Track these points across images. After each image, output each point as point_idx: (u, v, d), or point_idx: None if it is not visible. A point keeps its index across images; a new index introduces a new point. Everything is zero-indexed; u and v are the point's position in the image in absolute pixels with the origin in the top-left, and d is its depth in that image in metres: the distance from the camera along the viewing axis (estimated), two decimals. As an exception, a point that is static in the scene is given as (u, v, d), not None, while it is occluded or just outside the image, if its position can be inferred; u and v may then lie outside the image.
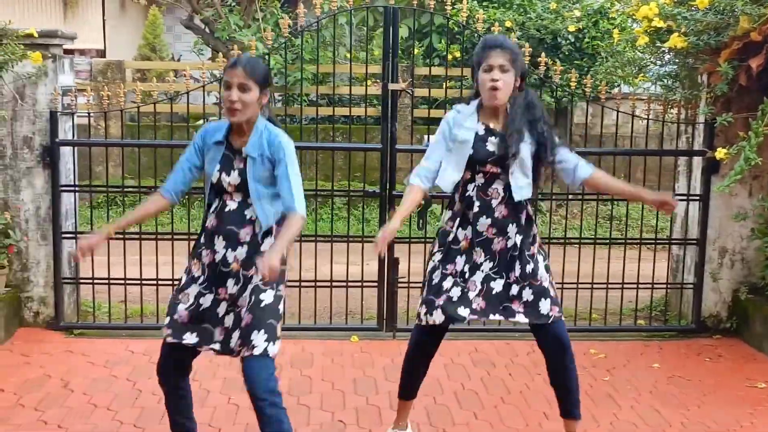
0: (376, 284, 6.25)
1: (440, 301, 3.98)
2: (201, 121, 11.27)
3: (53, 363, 5.50)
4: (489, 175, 3.99)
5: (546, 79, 6.92)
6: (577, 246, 6.51)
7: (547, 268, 4.13)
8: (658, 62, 6.42)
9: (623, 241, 6.57)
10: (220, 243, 3.70)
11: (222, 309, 3.72)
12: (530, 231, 4.08)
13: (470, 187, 4.03)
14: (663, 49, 6.05)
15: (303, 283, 6.21)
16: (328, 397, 5.01)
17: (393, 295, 6.21)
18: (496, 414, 4.83)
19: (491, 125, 4.01)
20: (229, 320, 3.71)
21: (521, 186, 3.97)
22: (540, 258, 4.10)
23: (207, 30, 12.25)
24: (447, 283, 4.00)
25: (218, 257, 3.70)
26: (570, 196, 6.80)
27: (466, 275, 4.01)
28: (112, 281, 6.21)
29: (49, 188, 6.04)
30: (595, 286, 6.35)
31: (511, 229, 4.01)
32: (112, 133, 10.90)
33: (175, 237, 6.21)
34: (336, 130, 10.97)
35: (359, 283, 6.29)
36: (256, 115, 3.70)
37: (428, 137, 7.41)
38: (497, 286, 4.03)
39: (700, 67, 5.87)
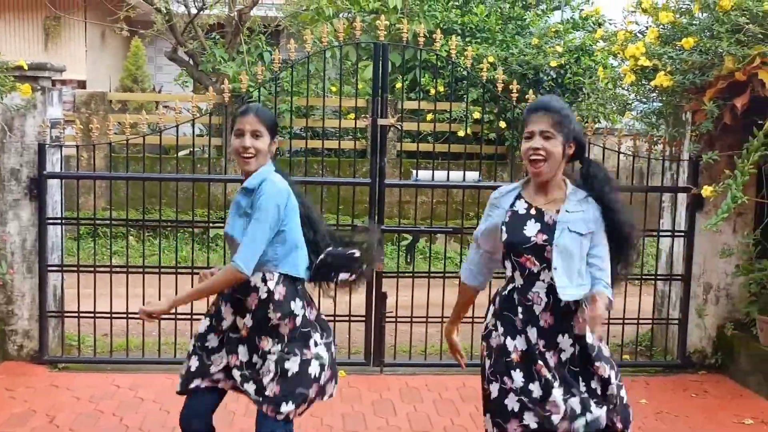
0: (363, 319, 6.24)
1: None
2: (184, 153, 11.28)
3: (38, 397, 5.44)
4: (527, 273, 3.32)
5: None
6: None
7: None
8: (643, 100, 6.50)
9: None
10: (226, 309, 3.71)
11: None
12: (575, 328, 3.32)
13: (509, 287, 3.39)
14: (648, 87, 6.13)
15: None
16: (317, 433, 4.99)
17: (381, 330, 6.20)
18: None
19: (537, 204, 3.36)
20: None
21: (565, 285, 3.25)
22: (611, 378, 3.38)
23: (191, 62, 12.27)
24: (511, 404, 3.26)
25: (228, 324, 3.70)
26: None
27: (538, 393, 3.25)
28: (97, 315, 6.16)
29: (35, 220, 6.00)
30: (581, 321, 6.36)
31: (563, 340, 3.31)
32: (96, 165, 10.86)
33: (162, 270, 6.18)
34: (320, 164, 10.99)
35: (347, 318, 6.27)
36: (266, 164, 3.65)
37: (416, 171, 7.46)
38: (575, 405, 3.28)
39: (685, 105, 5.96)
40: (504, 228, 3.36)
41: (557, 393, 3.22)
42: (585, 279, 3.29)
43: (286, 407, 3.51)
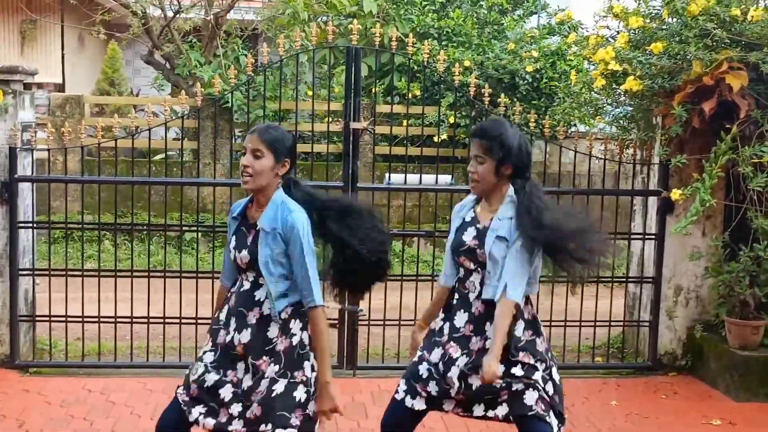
0: (336, 322, 6.25)
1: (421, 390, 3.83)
2: (161, 156, 11.26)
3: (9, 402, 5.41)
4: (465, 269, 3.80)
5: (505, 119, 7.01)
6: (536, 284, 6.52)
7: (547, 379, 3.78)
8: (614, 104, 6.56)
9: (581, 279, 6.63)
10: (232, 324, 3.57)
11: (227, 392, 3.53)
12: (516, 334, 3.72)
13: (456, 278, 3.89)
14: (619, 91, 6.19)
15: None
16: (288, 436, 4.98)
17: (354, 333, 6.22)
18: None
19: (479, 215, 3.83)
20: (234, 408, 3.52)
21: (491, 285, 3.69)
22: (536, 366, 3.73)
23: (167, 65, 12.24)
24: (423, 370, 3.82)
25: (228, 339, 3.55)
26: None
27: (441, 370, 3.77)
28: (69, 319, 6.14)
29: (6, 224, 5.97)
30: (553, 323, 6.41)
31: (489, 328, 3.71)
32: (71, 168, 10.82)
33: (134, 274, 6.17)
34: (295, 167, 11.00)
35: (320, 321, 6.26)
36: (272, 186, 3.57)
37: (389, 175, 7.48)
38: (475, 381, 3.71)
39: (654, 109, 6.02)
40: (454, 233, 3.87)
41: (455, 371, 3.73)
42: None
43: (265, 428, 3.44)
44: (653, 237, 6.42)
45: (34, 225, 6.27)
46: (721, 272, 6.02)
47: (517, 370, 3.70)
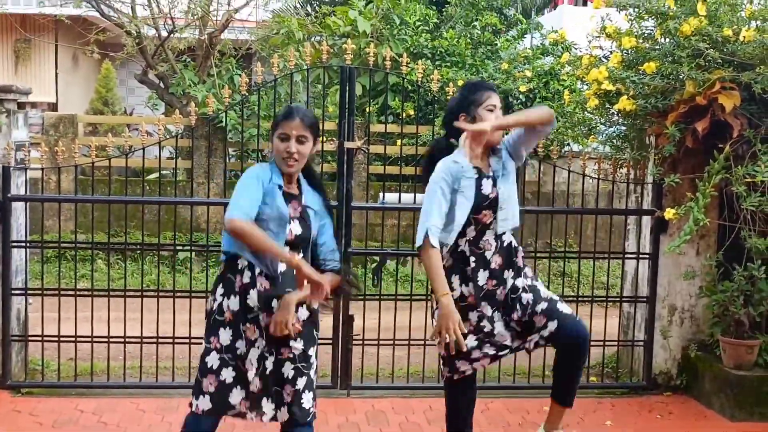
0: (330, 341, 6.23)
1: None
2: (154, 176, 11.25)
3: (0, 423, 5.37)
4: (480, 226, 4.09)
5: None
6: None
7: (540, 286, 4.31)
8: (608, 123, 6.58)
9: (575, 298, 6.65)
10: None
11: (288, 370, 3.83)
12: (518, 263, 4.25)
13: (461, 242, 4.11)
14: (612, 111, 6.21)
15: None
16: (282, 457, 4.94)
17: (348, 353, 6.19)
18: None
19: (480, 168, 4.14)
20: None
21: (505, 218, 4.13)
22: (537, 282, 4.29)
23: (161, 85, 12.26)
24: (470, 341, 4.11)
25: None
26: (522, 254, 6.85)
27: (487, 330, 4.12)
28: (62, 338, 6.10)
29: (-1, 243, 5.95)
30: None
31: (508, 274, 4.17)
32: (64, 187, 10.82)
33: (127, 294, 6.15)
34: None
35: (314, 341, 6.24)
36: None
37: (383, 194, 7.48)
38: (515, 314, 4.16)
39: (648, 129, 6.03)
40: (475, 193, 4.06)
41: (499, 325, 4.10)
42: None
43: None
44: (647, 256, 6.42)
45: (27, 244, 6.24)
46: (715, 291, 6.02)
47: (521, 281, 4.18)
